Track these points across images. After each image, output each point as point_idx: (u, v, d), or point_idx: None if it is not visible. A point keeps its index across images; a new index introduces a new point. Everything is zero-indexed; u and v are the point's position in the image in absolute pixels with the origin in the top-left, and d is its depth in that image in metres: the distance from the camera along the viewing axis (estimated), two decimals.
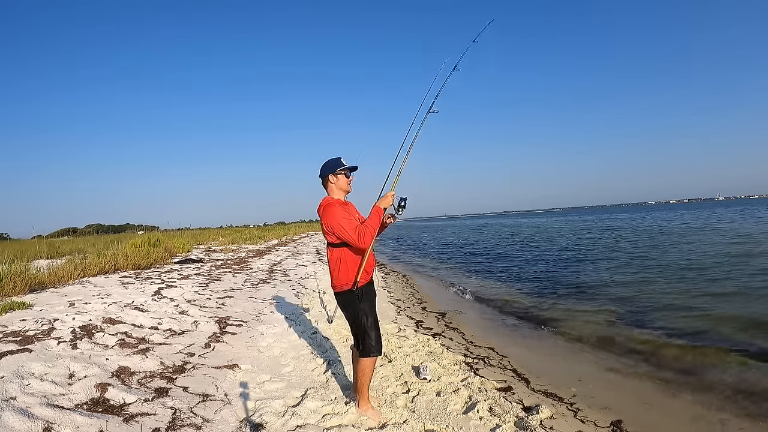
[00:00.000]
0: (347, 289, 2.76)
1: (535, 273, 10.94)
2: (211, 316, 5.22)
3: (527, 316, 6.57)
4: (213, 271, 9.22)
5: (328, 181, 2.84)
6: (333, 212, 2.70)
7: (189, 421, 2.61)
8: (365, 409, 2.86)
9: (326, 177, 2.84)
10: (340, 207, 2.75)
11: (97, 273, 7.50)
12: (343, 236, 2.66)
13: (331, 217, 2.69)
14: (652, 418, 3.24)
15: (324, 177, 2.86)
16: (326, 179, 2.85)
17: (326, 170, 2.85)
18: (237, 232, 28.80)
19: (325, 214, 2.73)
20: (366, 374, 2.81)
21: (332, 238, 2.74)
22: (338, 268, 2.76)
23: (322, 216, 2.76)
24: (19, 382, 2.74)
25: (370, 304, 2.79)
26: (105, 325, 4.22)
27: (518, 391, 3.59)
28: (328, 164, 2.86)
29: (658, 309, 6.36)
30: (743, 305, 6.20)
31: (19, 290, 5.48)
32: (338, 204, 2.78)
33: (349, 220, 2.70)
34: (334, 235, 2.71)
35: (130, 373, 3.23)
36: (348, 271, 2.75)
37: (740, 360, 4.20)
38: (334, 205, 2.76)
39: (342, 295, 2.80)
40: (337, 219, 2.67)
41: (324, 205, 2.81)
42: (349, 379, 3.41)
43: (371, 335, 2.75)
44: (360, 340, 2.80)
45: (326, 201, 2.83)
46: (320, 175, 2.89)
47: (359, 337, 2.81)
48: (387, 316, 6.14)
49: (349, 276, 2.75)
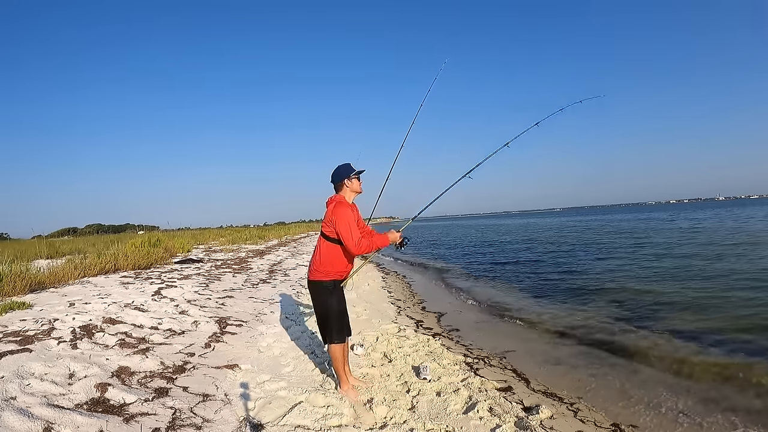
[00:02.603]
0: (324, 280, 3.03)
1: (537, 273, 10.94)
2: (211, 316, 5.22)
3: (528, 316, 6.57)
4: (213, 271, 9.22)
5: (344, 185, 3.09)
6: (345, 213, 2.93)
7: (189, 421, 2.61)
8: (345, 390, 3.13)
9: (342, 182, 3.09)
10: (350, 209, 3.01)
11: (97, 273, 7.50)
12: (344, 238, 2.91)
13: (342, 217, 2.92)
14: (653, 418, 3.23)
15: (340, 181, 3.09)
16: (341, 183, 3.09)
17: (342, 175, 3.08)
18: (237, 232, 28.79)
19: (337, 212, 2.94)
20: (337, 360, 3.10)
21: (332, 233, 2.97)
22: (327, 260, 3.02)
23: (333, 212, 2.97)
24: (19, 382, 2.74)
25: (338, 298, 3.08)
26: (105, 325, 4.22)
27: (518, 391, 3.58)
28: (343, 169, 3.09)
29: (672, 312, 6.34)
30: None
31: (19, 290, 5.48)
32: (349, 206, 3.04)
33: (355, 227, 2.97)
34: (335, 233, 2.95)
35: (130, 373, 3.23)
36: (333, 266, 3.02)
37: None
38: (346, 205, 3.01)
39: (317, 284, 3.07)
40: (347, 222, 2.91)
41: (336, 201, 3.04)
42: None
43: (334, 325, 3.05)
44: (324, 329, 3.10)
45: (338, 199, 3.07)
46: (334, 180, 3.11)
47: (324, 326, 3.11)
48: (387, 316, 6.14)
49: (332, 270, 3.02)
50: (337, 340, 3.06)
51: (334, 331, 3.06)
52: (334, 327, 3.05)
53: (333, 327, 3.05)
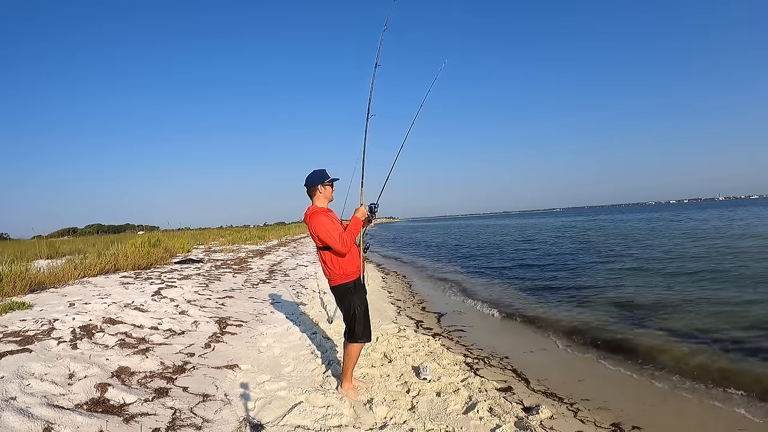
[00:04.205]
0: (341, 283, 3.10)
1: (537, 274, 10.94)
2: (211, 316, 5.22)
3: (528, 316, 6.57)
4: (213, 271, 9.22)
5: (317, 190, 3.12)
6: (320, 221, 3.01)
7: (189, 421, 2.61)
8: (346, 390, 3.16)
9: (315, 187, 3.12)
10: (324, 216, 3.07)
11: (97, 273, 7.51)
12: (328, 242, 2.99)
13: (319, 225, 3.00)
14: (653, 419, 3.23)
15: (313, 186, 3.13)
16: (315, 189, 3.13)
17: (316, 181, 3.12)
18: (237, 232, 28.78)
19: (312, 222, 3.04)
20: (351, 359, 3.15)
21: (319, 243, 3.06)
22: (336, 264, 3.07)
23: (310, 224, 3.08)
24: (19, 382, 2.74)
25: (360, 297, 3.13)
26: (105, 325, 4.22)
27: (518, 391, 3.59)
28: (317, 175, 3.13)
29: (675, 312, 6.34)
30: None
31: (19, 290, 5.48)
32: (323, 212, 3.10)
33: (334, 227, 3.02)
34: (320, 241, 3.04)
35: (130, 373, 3.23)
36: (344, 268, 3.07)
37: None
38: (320, 213, 3.07)
39: (338, 288, 3.13)
40: (324, 227, 2.99)
41: (310, 213, 3.10)
42: None
43: (360, 323, 3.09)
44: (350, 327, 3.13)
45: (312, 210, 3.12)
46: (309, 184, 3.14)
47: (349, 325, 3.13)
48: (387, 316, 6.14)
49: (342, 272, 3.07)
50: (362, 339, 3.11)
51: (360, 330, 3.09)
52: (359, 325, 3.09)
53: (359, 325, 3.09)
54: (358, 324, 3.08)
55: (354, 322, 3.09)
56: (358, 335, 3.09)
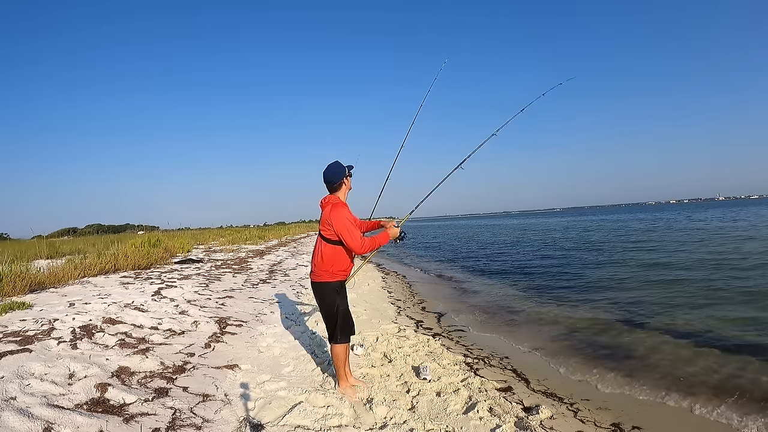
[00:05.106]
0: (327, 280, 3.04)
1: (538, 274, 10.94)
2: (211, 316, 5.22)
3: (529, 317, 6.57)
4: (213, 271, 9.22)
5: (342, 183, 3.06)
6: (343, 215, 2.94)
7: (189, 421, 2.61)
8: (344, 388, 3.15)
9: (341, 180, 3.05)
10: (348, 211, 3.02)
11: (97, 273, 7.50)
12: (346, 240, 2.92)
13: (342, 220, 2.92)
14: (653, 419, 3.23)
15: (338, 181, 3.04)
16: (341, 183, 3.05)
17: (340, 174, 3.04)
18: (237, 232, 28.76)
19: (334, 215, 2.93)
20: (339, 359, 3.12)
21: (332, 235, 2.96)
22: (330, 261, 3.01)
23: (330, 215, 2.95)
24: (19, 382, 2.74)
25: (343, 298, 3.12)
26: (105, 325, 4.22)
27: (518, 391, 3.59)
28: (338, 169, 3.05)
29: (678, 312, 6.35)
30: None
31: (19, 290, 5.48)
32: (346, 206, 3.04)
33: (355, 227, 2.99)
34: (335, 234, 2.94)
35: (130, 373, 3.22)
36: (336, 266, 3.03)
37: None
38: (343, 206, 3.01)
39: (321, 285, 3.08)
40: (347, 224, 2.93)
41: (333, 203, 3.01)
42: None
43: (341, 325, 3.07)
44: (332, 328, 3.11)
45: (334, 201, 3.04)
46: (333, 180, 3.05)
47: (331, 326, 3.11)
48: (387, 316, 6.14)
49: (336, 270, 3.03)
50: (343, 339, 3.09)
51: (340, 331, 3.08)
52: (341, 327, 3.08)
53: (340, 327, 3.08)
54: (340, 325, 3.07)
55: (336, 323, 3.07)
56: (339, 338, 3.08)
